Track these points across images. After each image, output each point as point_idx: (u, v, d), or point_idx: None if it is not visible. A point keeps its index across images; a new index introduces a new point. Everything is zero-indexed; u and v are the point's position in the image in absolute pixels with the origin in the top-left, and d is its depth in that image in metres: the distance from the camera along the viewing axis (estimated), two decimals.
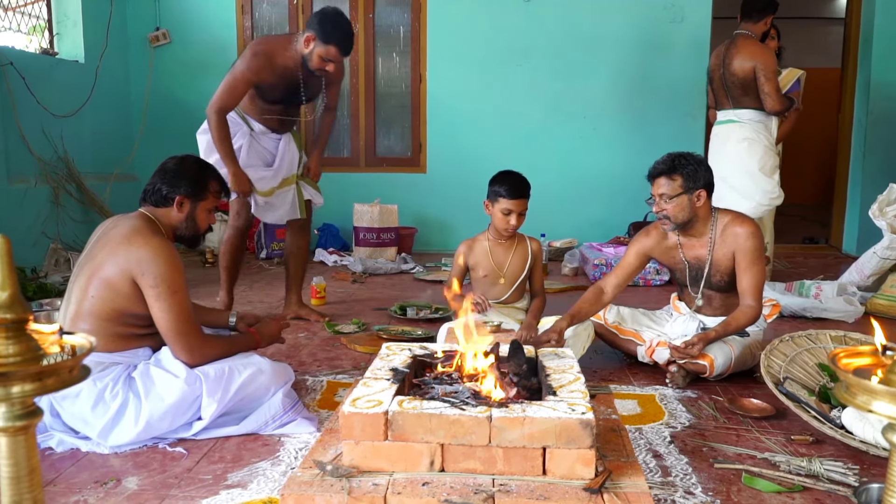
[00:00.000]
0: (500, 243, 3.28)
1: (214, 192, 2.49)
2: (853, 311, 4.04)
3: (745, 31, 4.45)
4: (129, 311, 2.25)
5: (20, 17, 5.57)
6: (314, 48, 3.41)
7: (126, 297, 2.22)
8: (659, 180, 2.87)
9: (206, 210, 2.47)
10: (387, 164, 6.77)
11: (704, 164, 2.88)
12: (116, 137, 6.39)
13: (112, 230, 2.32)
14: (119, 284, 2.21)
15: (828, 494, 1.94)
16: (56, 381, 0.94)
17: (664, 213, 2.86)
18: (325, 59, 3.43)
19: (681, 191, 2.83)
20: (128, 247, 2.22)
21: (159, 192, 2.39)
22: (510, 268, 3.27)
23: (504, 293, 3.29)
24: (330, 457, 1.76)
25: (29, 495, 0.96)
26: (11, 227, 4.79)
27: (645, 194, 2.99)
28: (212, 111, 3.43)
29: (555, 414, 1.66)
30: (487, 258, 3.28)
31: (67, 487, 1.95)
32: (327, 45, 3.39)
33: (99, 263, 2.24)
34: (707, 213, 2.92)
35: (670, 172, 2.84)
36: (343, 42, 3.43)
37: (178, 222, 2.42)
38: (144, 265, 2.20)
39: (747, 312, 2.83)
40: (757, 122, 4.45)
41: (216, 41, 6.59)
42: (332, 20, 3.42)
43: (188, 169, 2.44)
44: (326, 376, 2.92)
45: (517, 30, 6.44)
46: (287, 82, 3.56)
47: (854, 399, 0.99)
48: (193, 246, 2.54)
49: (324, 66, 3.46)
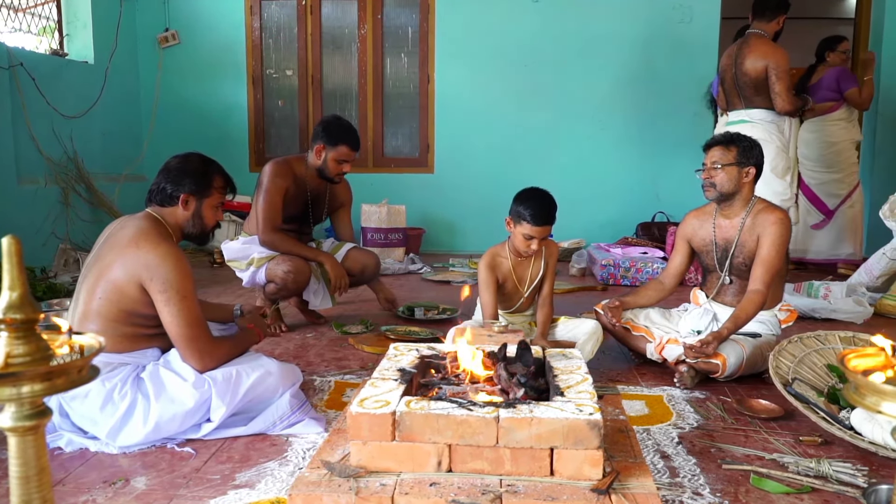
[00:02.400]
0: (521, 260, 3.15)
1: (219, 188, 2.47)
2: (862, 312, 4.02)
3: (758, 30, 4.43)
4: (137, 312, 2.26)
5: (30, 18, 5.61)
6: (326, 155, 3.58)
7: (134, 299, 2.23)
8: (714, 149, 3.03)
9: (212, 206, 2.45)
10: (395, 165, 6.78)
11: (759, 147, 3.05)
12: (126, 138, 6.42)
13: (119, 231, 2.33)
14: (126, 287, 2.21)
15: (836, 496, 1.93)
16: (65, 381, 0.94)
17: (711, 180, 3.00)
18: (339, 160, 3.59)
19: (733, 161, 2.98)
20: (136, 250, 2.22)
21: (164, 191, 2.38)
22: (530, 280, 3.18)
23: (525, 304, 3.23)
24: (338, 457, 1.77)
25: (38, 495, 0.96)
26: (21, 227, 4.82)
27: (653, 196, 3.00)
28: (266, 235, 3.53)
29: (562, 414, 1.66)
30: (511, 276, 3.15)
31: (76, 487, 1.95)
32: (337, 147, 3.57)
33: (107, 265, 2.24)
34: (749, 194, 3.04)
35: (727, 143, 3.01)
36: (350, 139, 3.59)
37: (184, 220, 2.41)
38: (153, 270, 2.20)
39: (753, 299, 2.84)
40: (769, 123, 4.43)
41: (225, 42, 6.62)
42: (335, 124, 3.62)
43: (192, 166, 2.42)
44: (334, 376, 2.93)
45: (525, 30, 6.44)
46: (303, 199, 3.69)
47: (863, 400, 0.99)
48: (202, 243, 2.53)
49: (340, 169, 3.62)
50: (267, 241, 3.54)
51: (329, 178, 3.63)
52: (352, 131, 3.62)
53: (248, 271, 3.60)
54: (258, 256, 3.58)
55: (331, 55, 6.74)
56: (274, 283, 3.54)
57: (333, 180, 3.66)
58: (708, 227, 3.14)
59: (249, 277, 3.62)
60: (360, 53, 6.66)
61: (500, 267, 3.13)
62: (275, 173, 3.55)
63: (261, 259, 3.57)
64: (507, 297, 3.21)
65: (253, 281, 3.63)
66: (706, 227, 3.15)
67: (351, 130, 3.62)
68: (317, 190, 3.74)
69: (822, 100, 5.36)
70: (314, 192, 3.73)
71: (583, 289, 4.96)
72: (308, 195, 3.70)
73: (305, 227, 3.81)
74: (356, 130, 3.67)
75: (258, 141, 6.78)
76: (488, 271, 3.07)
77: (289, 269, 3.50)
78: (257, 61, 6.69)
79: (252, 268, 3.58)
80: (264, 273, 3.57)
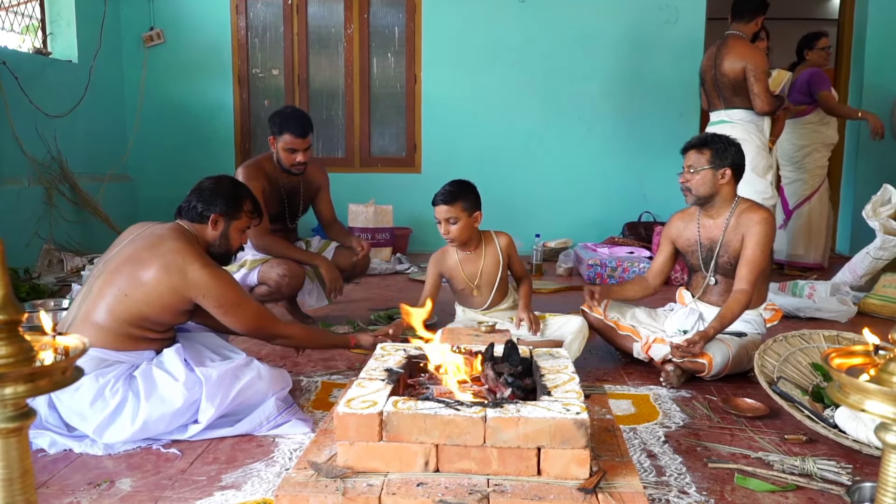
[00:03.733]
0: (468, 253, 3.17)
1: (248, 212, 2.55)
2: (846, 311, 4.05)
3: (736, 31, 4.46)
4: (155, 317, 2.31)
5: (13, 16, 5.56)
6: (277, 145, 3.55)
7: (164, 306, 2.30)
8: (690, 153, 3.04)
9: (238, 229, 2.54)
10: (381, 165, 6.77)
11: (736, 147, 3.03)
12: (110, 138, 6.37)
13: (154, 237, 2.36)
14: (166, 295, 2.28)
15: (821, 493, 1.95)
16: (49, 382, 0.94)
17: (687, 184, 3.01)
18: (287, 149, 3.53)
19: (707, 165, 2.97)
20: (182, 265, 2.29)
21: (195, 209, 2.45)
22: (483, 277, 3.17)
23: (484, 301, 3.22)
24: (324, 457, 1.76)
25: (22, 497, 0.95)
26: (4, 227, 4.78)
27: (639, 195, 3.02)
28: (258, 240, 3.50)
29: (549, 414, 1.66)
30: (458, 270, 3.18)
31: (61, 489, 1.94)
32: (283, 136, 3.52)
33: (141, 265, 2.28)
34: (730, 195, 3.04)
35: (701, 146, 3.01)
36: (292, 126, 3.50)
37: (212, 240, 2.49)
38: (204, 289, 2.30)
39: (738, 298, 2.85)
40: (748, 123, 4.46)
41: (210, 41, 6.59)
42: (280, 112, 3.59)
43: (224, 188, 2.50)
44: (321, 377, 2.92)
45: (512, 30, 6.44)
46: (278, 197, 3.67)
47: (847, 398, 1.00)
48: (225, 263, 2.57)
49: (292, 158, 3.55)
50: (260, 245, 3.51)
51: (286, 169, 3.58)
52: (295, 117, 3.53)
53: (238, 273, 3.58)
54: (251, 259, 3.56)
55: (317, 55, 6.72)
56: (266, 285, 3.52)
57: (291, 172, 3.60)
58: (693, 227, 3.15)
59: (240, 279, 3.60)
60: (347, 53, 6.65)
61: (444, 262, 3.22)
62: (247, 177, 3.49)
63: (254, 261, 3.55)
64: (464, 294, 3.24)
65: (243, 283, 3.61)
66: (691, 228, 3.16)
67: (295, 117, 3.54)
68: (289, 183, 3.69)
69: (794, 102, 5.40)
70: (287, 187, 3.68)
71: (570, 288, 4.98)
72: (282, 191, 3.66)
73: (289, 223, 3.79)
74: (305, 116, 3.58)
75: (244, 141, 6.74)
76: (432, 265, 3.25)
77: (283, 272, 3.48)
78: (243, 61, 6.66)
79: (244, 270, 3.56)
80: (256, 275, 3.55)
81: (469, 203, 3.04)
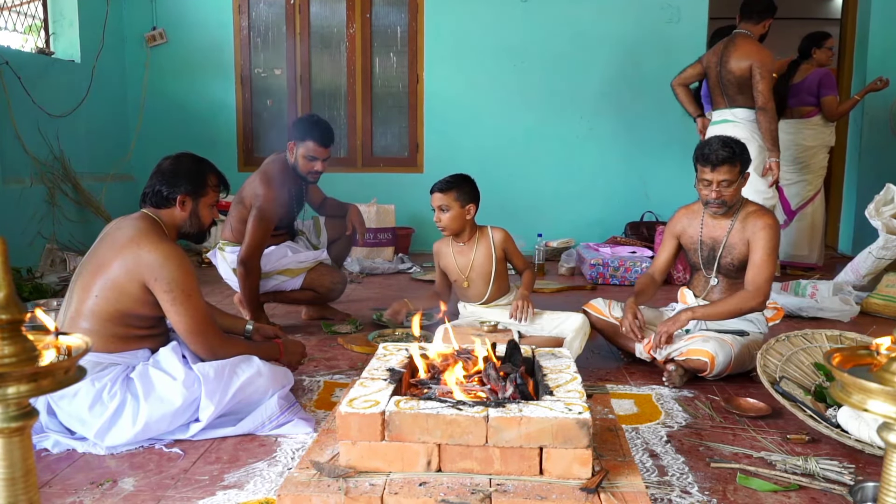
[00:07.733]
0: (461, 245, 3.23)
1: (214, 186, 2.50)
2: (849, 311, 4.04)
3: (745, 30, 4.47)
4: (133, 312, 2.26)
5: (16, 16, 5.56)
6: (297, 151, 3.54)
7: (133, 299, 2.24)
8: (723, 167, 2.90)
9: (208, 205, 2.49)
10: (384, 164, 6.76)
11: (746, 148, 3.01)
12: (112, 137, 6.37)
13: (116, 232, 2.33)
14: (127, 287, 2.22)
15: (823, 493, 1.94)
16: (52, 381, 0.94)
17: (722, 198, 2.93)
18: (307, 157, 3.52)
19: (739, 177, 2.94)
20: (137, 250, 2.23)
21: (159, 193, 2.39)
22: (475, 269, 3.22)
23: (481, 295, 3.25)
24: (327, 457, 1.76)
25: (24, 497, 0.95)
26: (7, 227, 4.78)
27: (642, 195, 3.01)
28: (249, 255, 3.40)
29: (552, 414, 1.66)
30: (452, 262, 3.25)
31: (63, 489, 1.94)
32: (305, 142, 3.51)
33: (105, 264, 2.25)
34: (739, 196, 3.03)
35: (734, 160, 2.90)
36: (317, 134, 3.50)
37: (181, 221, 2.43)
38: (156, 270, 2.22)
39: (744, 297, 2.87)
40: (752, 122, 4.46)
41: (213, 41, 6.59)
42: (305, 120, 3.58)
43: (185, 167, 2.44)
44: (323, 376, 2.92)
45: (514, 30, 6.44)
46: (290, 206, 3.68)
47: (849, 398, 1.00)
48: (200, 241, 2.55)
49: (311, 166, 3.55)
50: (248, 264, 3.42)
51: (301, 176, 3.59)
52: (321, 127, 3.53)
53: (274, 280, 3.58)
54: (296, 268, 3.58)
55: (319, 54, 6.71)
56: (315, 290, 3.61)
57: (306, 179, 3.61)
58: (696, 224, 3.15)
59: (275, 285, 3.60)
60: (349, 52, 6.64)
61: (441, 252, 3.31)
62: (276, 202, 3.47)
63: (299, 269, 3.58)
64: (458, 286, 3.29)
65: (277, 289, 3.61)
66: (694, 225, 3.16)
67: (320, 126, 3.53)
68: (295, 187, 3.69)
69: (802, 103, 5.39)
70: (293, 190, 3.68)
71: (572, 288, 4.97)
72: (292, 198, 3.67)
73: (291, 228, 3.82)
74: (329, 127, 3.58)
75: (246, 140, 6.75)
76: (434, 256, 3.36)
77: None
78: (245, 60, 6.66)
79: (283, 276, 3.57)
80: (300, 282, 3.59)
81: (462, 194, 3.11)
